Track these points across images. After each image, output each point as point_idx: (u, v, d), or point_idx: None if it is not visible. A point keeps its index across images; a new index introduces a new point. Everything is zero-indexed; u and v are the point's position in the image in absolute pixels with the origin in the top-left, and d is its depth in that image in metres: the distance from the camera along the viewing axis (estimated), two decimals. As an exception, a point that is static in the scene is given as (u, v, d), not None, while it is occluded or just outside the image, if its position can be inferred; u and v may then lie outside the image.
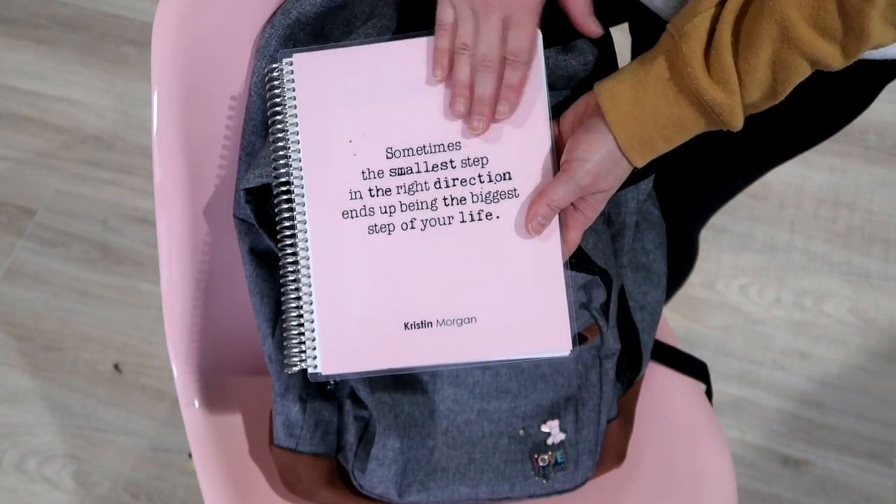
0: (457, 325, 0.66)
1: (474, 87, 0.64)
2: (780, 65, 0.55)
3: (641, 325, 0.83)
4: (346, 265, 0.67)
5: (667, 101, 0.58)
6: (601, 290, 0.74)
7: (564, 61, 0.68)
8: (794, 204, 1.61)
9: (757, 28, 0.54)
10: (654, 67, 0.58)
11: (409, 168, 0.66)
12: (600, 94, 0.60)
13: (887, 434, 1.39)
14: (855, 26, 0.52)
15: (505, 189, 0.65)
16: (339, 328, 0.67)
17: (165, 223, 0.77)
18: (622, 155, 0.61)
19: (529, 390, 0.78)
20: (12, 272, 1.56)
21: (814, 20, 0.53)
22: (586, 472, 0.81)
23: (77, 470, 1.38)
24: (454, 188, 0.66)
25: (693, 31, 0.57)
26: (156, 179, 0.76)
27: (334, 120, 0.67)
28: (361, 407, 0.78)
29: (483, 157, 0.65)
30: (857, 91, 0.73)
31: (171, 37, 0.71)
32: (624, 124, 0.60)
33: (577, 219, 0.65)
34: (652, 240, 0.84)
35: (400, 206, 0.66)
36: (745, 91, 0.57)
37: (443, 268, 0.66)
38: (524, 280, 0.65)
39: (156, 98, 0.73)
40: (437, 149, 0.66)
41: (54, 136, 1.71)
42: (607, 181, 0.62)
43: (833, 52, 0.54)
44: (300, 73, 0.68)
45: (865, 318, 1.49)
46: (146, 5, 1.86)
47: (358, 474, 0.78)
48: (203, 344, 0.84)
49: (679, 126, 0.59)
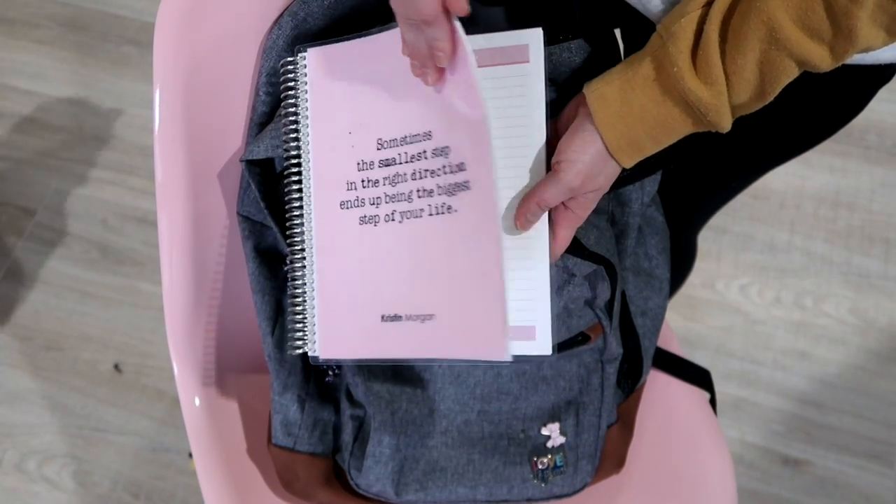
0: (420, 321, 0.65)
1: None
2: (767, 65, 0.55)
3: (642, 331, 0.83)
4: (341, 254, 0.68)
5: (654, 102, 0.58)
6: (605, 287, 0.73)
7: (569, 58, 0.69)
8: (794, 204, 1.61)
9: (744, 28, 0.54)
10: (642, 68, 0.58)
11: (393, 159, 0.66)
12: (589, 95, 0.60)
13: (887, 434, 1.39)
14: (843, 27, 0.52)
15: (459, 181, 0.63)
16: (335, 315, 0.68)
17: (167, 221, 0.77)
18: (609, 156, 0.61)
19: (531, 392, 0.78)
20: (12, 272, 1.56)
21: (801, 21, 0.52)
22: (585, 477, 0.80)
23: (77, 470, 1.38)
24: (425, 179, 0.65)
25: (680, 31, 0.56)
26: (157, 177, 0.76)
27: (339, 111, 0.68)
28: (358, 406, 0.78)
29: (446, 146, 0.64)
30: (850, 96, 0.73)
31: (174, 34, 0.71)
32: (612, 125, 0.59)
33: (567, 217, 0.64)
34: (655, 245, 0.84)
35: (384, 198, 0.66)
36: (733, 91, 0.56)
37: (413, 261, 0.66)
38: (471, 278, 0.63)
39: (157, 96, 0.73)
40: (414, 139, 0.65)
41: (54, 136, 1.71)
42: (597, 181, 0.62)
43: (821, 54, 0.54)
44: (312, 66, 0.69)
45: (865, 318, 1.49)
46: (146, 5, 1.86)
47: (354, 473, 0.78)
48: (204, 342, 0.84)
49: (666, 127, 0.59)
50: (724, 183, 0.89)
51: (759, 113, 0.60)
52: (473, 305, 0.63)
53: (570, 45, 0.69)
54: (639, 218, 0.78)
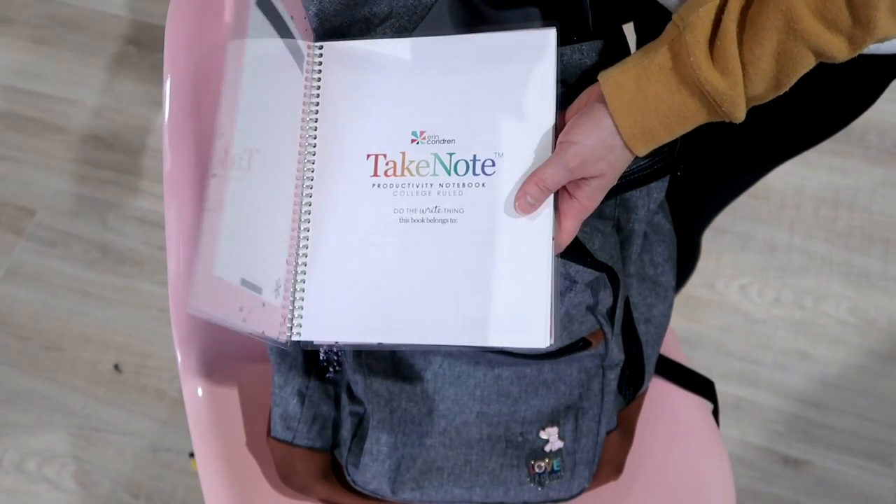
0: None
1: None
2: (785, 56, 0.55)
3: (645, 338, 0.83)
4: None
5: (669, 91, 0.58)
6: (608, 294, 0.73)
7: (580, 59, 0.69)
8: (794, 204, 1.61)
9: (762, 18, 0.54)
10: (658, 57, 0.58)
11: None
12: (604, 83, 0.60)
13: (887, 434, 1.39)
14: (862, 18, 0.52)
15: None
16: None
17: (175, 210, 0.77)
18: (621, 143, 0.61)
19: (530, 395, 0.78)
20: (12, 272, 1.56)
21: (820, 11, 0.52)
22: (582, 482, 0.80)
23: (77, 470, 1.38)
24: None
25: (698, 20, 0.56)
26: (165, 167, 0.76)
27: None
28: (357, 403, 0.78)
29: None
30: (865, 85, 0.72)
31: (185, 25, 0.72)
32: (626, 112, 0.60)
33: (572, 206, 0.64)
34: (661, 252, 0.84)
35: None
36: (749, 82, 0.56)
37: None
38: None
39: (167, 85, 0.73)
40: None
41: (54, 136, 1.71)
42: (598, 166, 0.62)
43: (839, 44, 0.54)
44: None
45: (865, 318, 1.49)
46: (146, 5, 1.86)
47: (352, 469, 0.78)
48: (207, 332, 0.85)
49: (681, 116, 0.59)
50: (735, 177, 0.88)
51: (773, 103, 0.60)
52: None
53: (581, 46, 0.69)
54: (645, 224, 0.78)
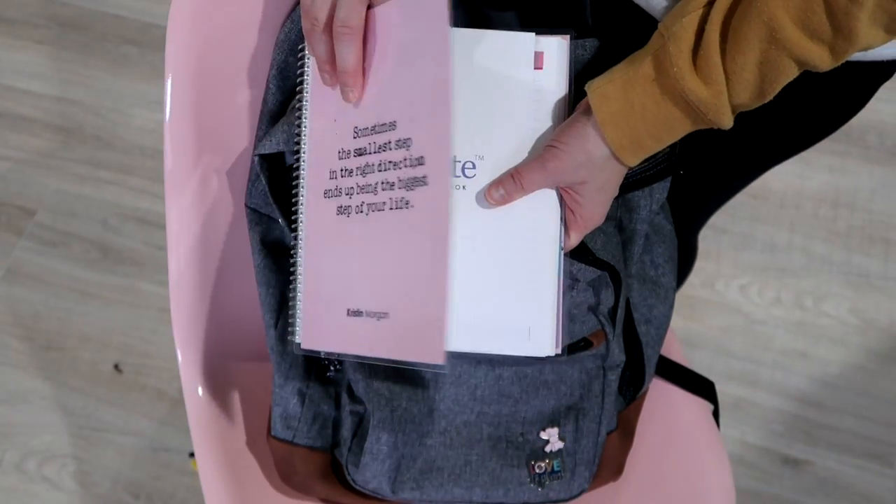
0: (376, 318, 0.63)
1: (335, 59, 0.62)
2: (767, 65, 0.55)
3: (646, 339, 0.82)
4: (322, 244, 0.67)
5: (654, 101, 0.58)
6: (609, 294, 0.74)
7: (582, 56, 0.69)
8: (794, 204, 1.61)
9: (744, 28, 0.54)
10: (643, 67, 0.59)
11: (364, 148, 0.64)
12: (591, 93, 0.61)
13: (887, 434, 1.39)
14: (843, 28, 0.52)
15: (418, 175, 0.60)
16: (314, 305, 0.68)
17: (175, 209, 0.77)
18: (607, 153, 0.61)
19: (531, 396, 0.78)
20: (12, 272, 1.56)
21: (801, 21, 0.52)
22: (582, 483, 0.80)
23: (77, 470, 1.38)
24: (388, 171, 0.62)
25: (681, 30, 0.57)
26: (167, 166, 0.76)
27: (330, 97, 0.66)
28: (358, 402, 0.78)
29: (408, 138, 0.60)
30: (852, 93, 0.73)
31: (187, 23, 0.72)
32: (614, 123, 0.60)
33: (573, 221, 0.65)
34: (662, 254, 0.84)
35: (356, 188, 0.65)
36: (733, 91, 0.57)
37: (374, 255, 0.63)
38: (419, 278, 0.60)
39: (169, 85, 0.73)
40: (382, 128, 0.63)
41: (54, 136, 1.71)
42: (577, 174, 0.63)
43: (821, 54, 0.54)
44: None
45: (865, 318, 1.49)
46: (146, 5, 1.86)
47: (352, 469, 0.78)
48: (208, 331, 0.85)
49: (667, 126, 0.59)
50: (727, 181, 0.89)
51: (762, 110, 0.60)
52: (418, 306, 0.60)
53: (584, 42, 0.69)
54: (646, 225, 0.78)
